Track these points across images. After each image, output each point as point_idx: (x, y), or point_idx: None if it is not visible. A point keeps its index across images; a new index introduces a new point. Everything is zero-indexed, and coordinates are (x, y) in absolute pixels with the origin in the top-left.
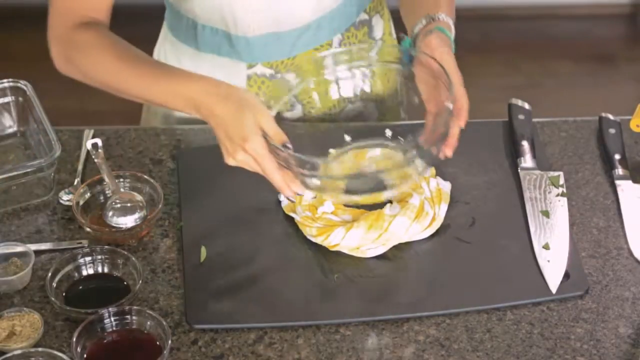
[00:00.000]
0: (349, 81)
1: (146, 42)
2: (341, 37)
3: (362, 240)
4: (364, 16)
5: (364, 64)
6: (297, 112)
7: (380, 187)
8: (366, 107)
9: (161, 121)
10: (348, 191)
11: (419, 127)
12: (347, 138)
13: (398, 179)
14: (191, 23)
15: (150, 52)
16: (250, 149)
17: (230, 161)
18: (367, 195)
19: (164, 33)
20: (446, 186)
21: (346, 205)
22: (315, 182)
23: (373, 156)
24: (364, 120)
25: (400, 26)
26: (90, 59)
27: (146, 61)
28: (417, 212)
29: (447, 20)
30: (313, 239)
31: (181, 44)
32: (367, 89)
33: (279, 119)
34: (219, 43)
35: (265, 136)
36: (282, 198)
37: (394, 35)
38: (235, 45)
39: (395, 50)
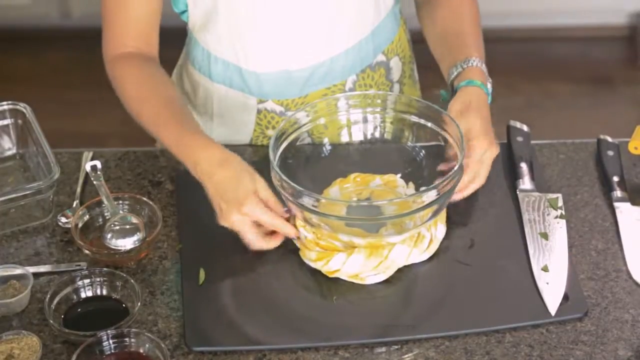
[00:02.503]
0: (361, 125)
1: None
2: (355, 78)
3: (362, 267)
4: (382, 57)
5: (379, 110)
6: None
7: (378, 215)
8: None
9: None
10: (347, 220)
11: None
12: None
13: (397, 210)
14: (206, 53)
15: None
16: (246, 211)
17: (223, 222)
18: (367, 230)
19: (183, 58)
20: None
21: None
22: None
23: (375, 185)
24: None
25: (423, 71)
26: (121, 90)
27: (166, 107)
28: (415, 238)
29: (479, 65)
30: (312, 264)
31: (196, 72)
32: (378, 135)
33: (291, 147)
34: (230, 76)
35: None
36: None
37: (416, 78)
38: (246, 80)
39: (413, 103)
